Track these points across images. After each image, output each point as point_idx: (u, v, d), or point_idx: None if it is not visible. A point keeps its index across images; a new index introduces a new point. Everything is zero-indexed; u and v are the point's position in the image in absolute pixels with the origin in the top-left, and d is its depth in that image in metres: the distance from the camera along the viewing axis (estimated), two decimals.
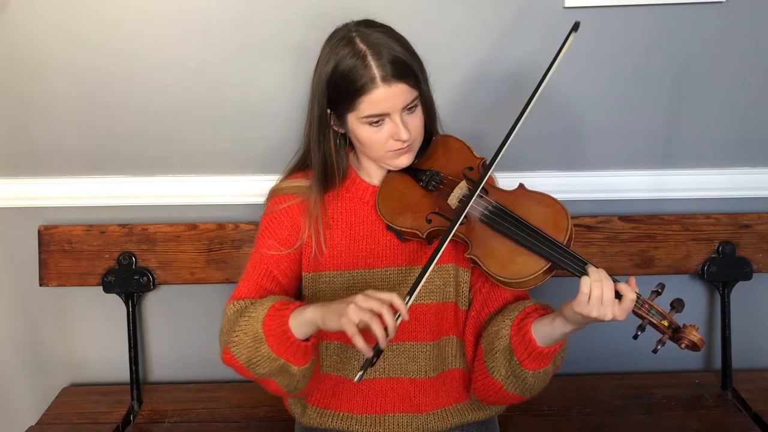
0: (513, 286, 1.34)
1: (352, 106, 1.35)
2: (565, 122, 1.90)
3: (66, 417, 1.89)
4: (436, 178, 1.45)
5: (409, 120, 1.38)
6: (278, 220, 1.49)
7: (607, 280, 1.25)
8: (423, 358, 1.49)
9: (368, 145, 1.40)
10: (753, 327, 2.05)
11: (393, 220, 1.43)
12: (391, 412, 1.50)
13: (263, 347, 1.33)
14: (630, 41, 1.84)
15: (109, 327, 2.02)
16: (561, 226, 1.34)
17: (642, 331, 1.28)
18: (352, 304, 1.22)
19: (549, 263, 1.31)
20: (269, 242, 1.48)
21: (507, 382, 1.39)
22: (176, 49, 1.84)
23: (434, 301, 1.47)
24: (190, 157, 1.92)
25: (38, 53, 1.83)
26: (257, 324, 1.33)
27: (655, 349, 1.28)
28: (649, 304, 1.28)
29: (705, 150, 1.92)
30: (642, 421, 1.81)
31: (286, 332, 1.30)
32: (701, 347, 1.26)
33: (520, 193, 1.42)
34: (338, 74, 1.35)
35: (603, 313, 1.24)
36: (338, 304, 1.25)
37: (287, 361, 1.33)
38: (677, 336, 1.27)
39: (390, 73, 1.32)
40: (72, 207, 1.94)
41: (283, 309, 1.33)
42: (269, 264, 1.47)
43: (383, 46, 1.34)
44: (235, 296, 1.46)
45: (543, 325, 1.33)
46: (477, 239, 1.36)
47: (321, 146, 1.44)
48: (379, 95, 1.33)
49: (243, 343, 1.35)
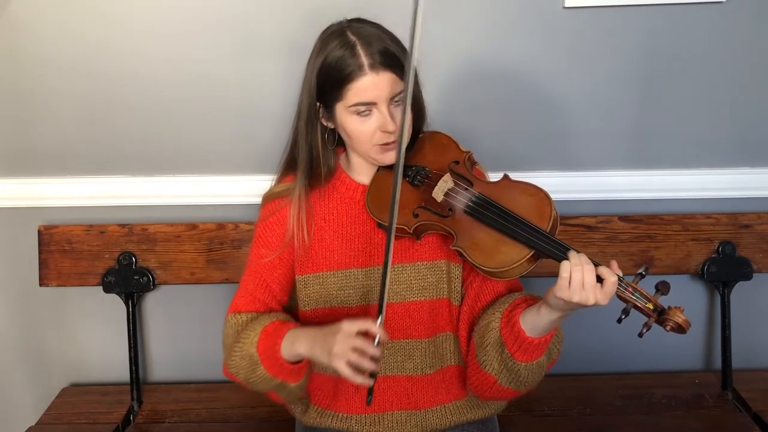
0: (498, 275, 1.34)
1: (340, 95, 1.36)
2: (566, 122, 1.90)
3: (66, 417, 1.89)
4: (422, 173, 1.45)
5: (397, 112, 1.38)
6: (270, 228, 1.50)
7: (587, 264, 1.25)
8: (419, 355, 1.49)
9: (355, 137, 1.40)
10: (753, 327, 2.05)
11: (382, 217, 1.44)
12: (389, 411, 1.50)
13: (259, 369, 1.39)
14: (630, 41, 1.84)
15: (109, 327, 2.02)
16: (545, 214, 1.34)
17: (626, 314, 1.27)
18: (336, 345, 1.27)
19: (532, 251, 1.31)
20: (262, 251, 1.49)
21: (500, 376, 1.38)
22: (176, 49, 1.84)
23: (427, 297, 1.47)
24: (189, 157, 1.92)
25: (38, 53, 1.84)
26: (252, 349, 1.39)
27: (641, 333, 1.26)
28: (633, 287, 1.27)
29: (705, 150, 1.92)
30: (642, 421, 1.81)
31: (279, 359, 1.37)
32: (687, 329, 1.24)
33: (504, 184, 1.43)
34: (327, 64, 1.36)
35: (585, 297, 1.23)
36: (323, 339, 1.31)
37: (284, 381, 1.39)
38: (662, 318, 1.25)
39: (378, 62, 1.34)
40: (72, 207, 1.95)
41: (274, 336, 1.39)
42: (264, 273, 1.48)
43: (374, 38, 1.36)
44: (233, 309, 1.49)
45: (530, 315, 1.33)
46: (462, 231, 1.37)
47: (308, 138, 1.44)
48: (366, 83, 1.34)
49: (240, 366, 1.43)
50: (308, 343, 1.33)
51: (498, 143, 1.86)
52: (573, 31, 1.83)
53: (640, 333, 1.26)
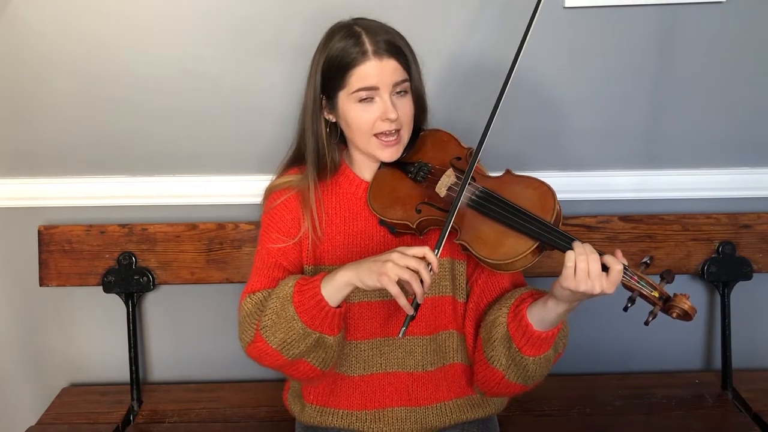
0: (503, 268, 1.35)
1: (344, 82, 1.38)
2: (565, 122, 1.90)
3: (66, 417, 1.88)
4: (424, 169, 1.47)
5: (399, 103, 1.40)
6: (279, 214, 1.50)
7: (592, 253, 1.25)
8: (420, 352, 1.49)
9: (356, 127, 1.41)
10: (753, 327, 2.05)
11: (384, 213, 1.45)
12: (389, 407, 1.50)
13: (297, 324, 1.34)
14: (630, 41, 1.84)
15: (109, 327, 2.02)
16: (548, 206, 1.35)
17: (632, 303, 1.27)
18: (389, 262, 1.25)
19: (537, 242, 1.32)
20: (274, 236, 1.49)
21: (508, 371, 1.39)
22: (177, 49, 1.84)
23: (430, 295, 1.47)
24: (189, 157, 1.92)
25: (38, 53, 1.84)
26: (287, 303, 1.35)
27: (647, 321, 1.27)
28: (639, 275, 1.28)
29: (705, 150, 1.92)
30: (642, 421, 1.81)
31: (320, 302, 1.32)
32: (693, 315, 1.24)
33: (506, 178, 1.44)
34: (332, 55, 1.39)
35: (591, 286, 1.23)
36: (371, 263, 1.29)
37: (322, 333, 1.34)
38: (668, 306, 1.26)
39: (382, 48, 1.36)
40: (72, 207, 1.94)
41: (311, 281, 1.35)
42: (277, 257, 1.48)
43: (379, 30, 1.40)
44: (248, 290, 1.47)
45: (537, 309, 1.33)
46: (466, 225, 1.38)
47: (314, 131, 1.46)
48: (369, 68, 1.36)
49: (276, 325, 1.36)
50: (353, 269, 1.31)
51: (497, 143, 1.85)
52: (573, 31, 1.83)
53: (646, 321, 1.27)
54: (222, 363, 2.05)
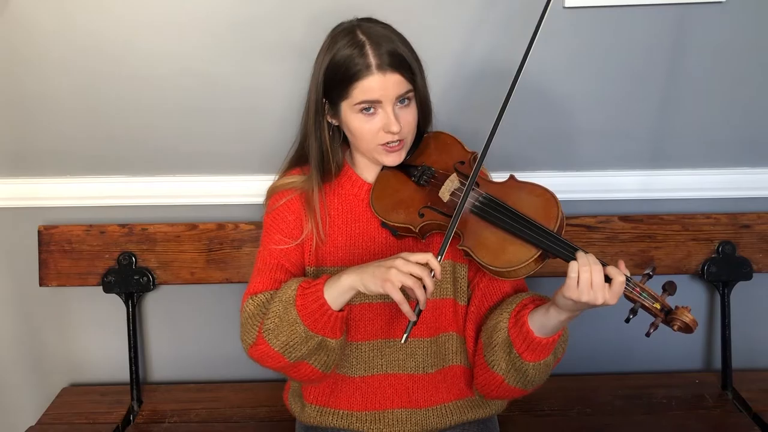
0: (505, 275, 1.34)
1: (346, 93, 1.37)
2: (566, 122, 1.90)
3: (65, 417, 1.88)
4: (427, 173, 1.46)
5: (402, 114, 1.39)
6: (281, 215, 1.50)
7: (595, 264, 1.25)
8: (421, 354, 1.49)
9: (359, 136, 1.41)
10: (753, 327, 2.05)
11: (386, 216, 1.44)
12: (389, 408, 1.50)
13: (299, 327, 1.34)
14: (630, 41, 1.84)
15: (109, 327, 2.02)
16: (551, 214, 1.35)
17: (634, 314, 1.27)
18: (393, 269, 1.25)
19: (540, 251, 1.32)
20: (276, 237, 1.49)
21: (508, 375, 1.39)
22: (177, 50, 1.84)
23: (431, 297, 1.47)
24: (189, 157, 1.92)
25: (38, 53, 1.83)
26: (290, 306, 1.35)
27: (648, 332, 1.27)
28: (641, 287, 1.27)
29: (705, 150, 1.92)
30: (642, 421, 1.81)
31: (323, 306, 1.32)
32: (694, 328, 1.25)
33: (510, 184, 1.43)
34: (335, 62, 1.37)
35: (593, 297, 1.24)
36: (374, 269, 1.28)
37: (324, 336, 1.34)
38: (669, 318, 1.26)
39: (386, 63, 1.35)
40: (72, 207, 1.94)
41: (314, 284, 1.35)
42: (279, 258, 1.48)
43: (383, 39, 1.37)
44: (250, 291, 1.46)
45: (539, 316, 1.33)
46: (469, 231, 1.37)
47: (317, 134, 1.46)
48: (372, 82, 1.35)
49: (279, 328, 1.36)
50: (356, 274, 1.31)
51: (498, 143, 1.85)
52: (573, 31, 1.83)
53: (647, 333, 1.27)
54: (222, 363, 2.05)
